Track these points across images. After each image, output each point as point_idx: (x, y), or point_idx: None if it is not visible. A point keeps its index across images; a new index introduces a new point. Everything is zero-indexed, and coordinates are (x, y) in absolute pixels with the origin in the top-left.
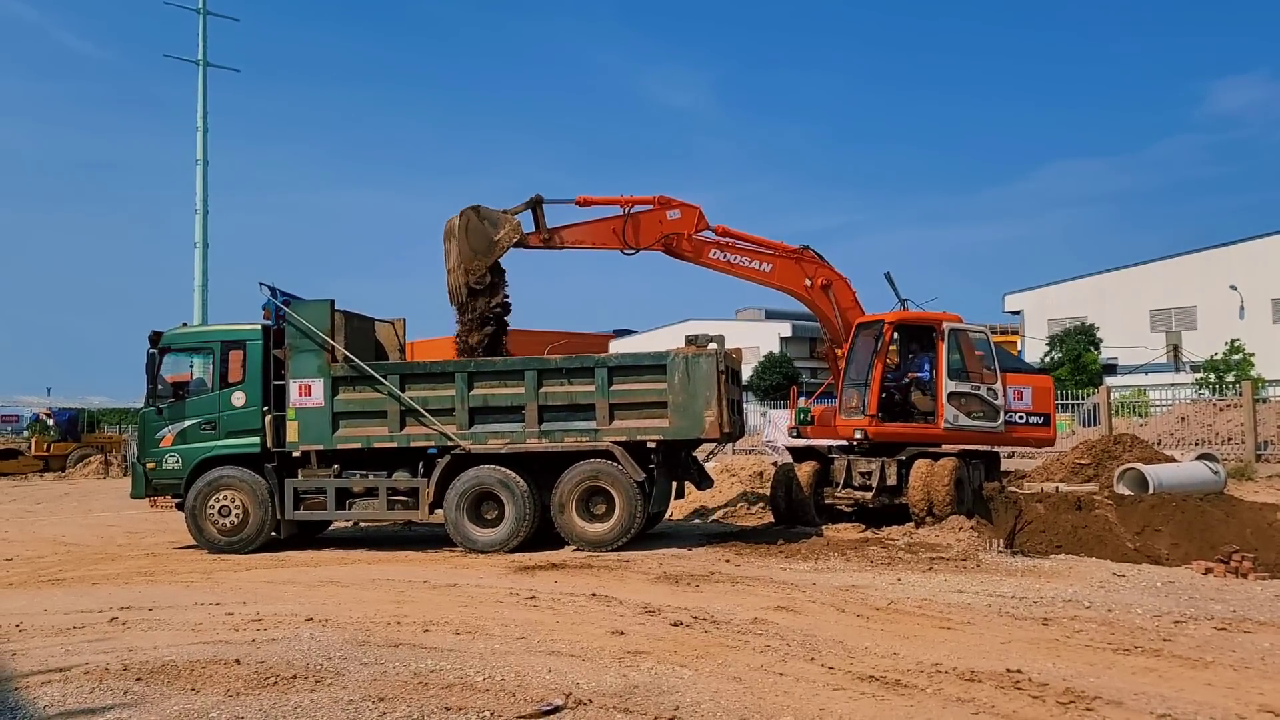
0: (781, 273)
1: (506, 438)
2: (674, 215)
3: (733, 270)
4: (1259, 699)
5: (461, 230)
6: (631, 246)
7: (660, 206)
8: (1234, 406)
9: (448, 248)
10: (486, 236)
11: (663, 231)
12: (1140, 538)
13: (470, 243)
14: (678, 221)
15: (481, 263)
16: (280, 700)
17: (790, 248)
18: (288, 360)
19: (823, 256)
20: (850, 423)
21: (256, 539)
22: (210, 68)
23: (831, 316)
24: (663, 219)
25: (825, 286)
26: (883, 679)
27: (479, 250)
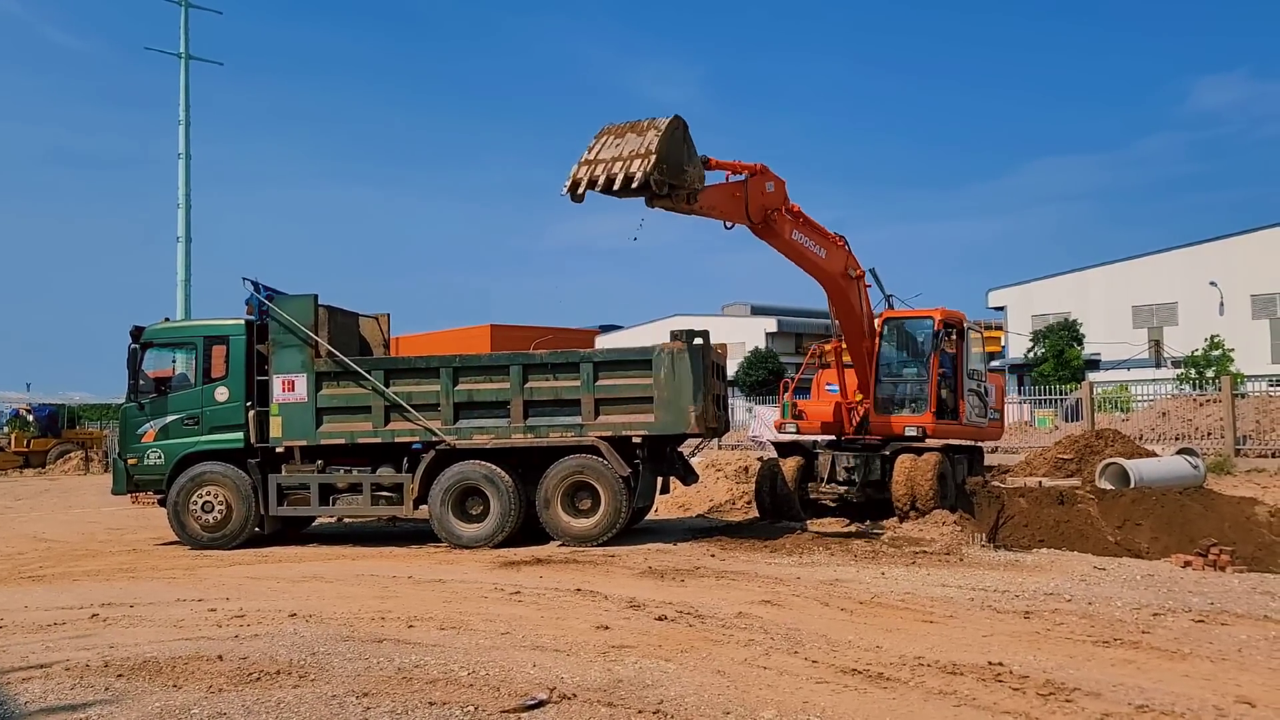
0: (832, 259)
1: (492, 433)
2: (770, 188)
3: (804, 254)
4: (1235, 690)
5: (668, 131)
6: (748, 217)
7: (760, 176)
8: (1214, 401)
9: (625, 134)
10: (680, 159)
11: (763, 204)
12: (1121, 531)
13: (668, 148)
14: (773, 195)
15: (662, 174)
16: (263, 696)
17: (831, 234)
18: (271, 355)
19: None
20: (906, 419)
21: (240, 535)
22: (192, 61)
23: (859, 310)
24: (762, 189)
25: (858, 278)
26: (866, 672)
27: (669, 162)
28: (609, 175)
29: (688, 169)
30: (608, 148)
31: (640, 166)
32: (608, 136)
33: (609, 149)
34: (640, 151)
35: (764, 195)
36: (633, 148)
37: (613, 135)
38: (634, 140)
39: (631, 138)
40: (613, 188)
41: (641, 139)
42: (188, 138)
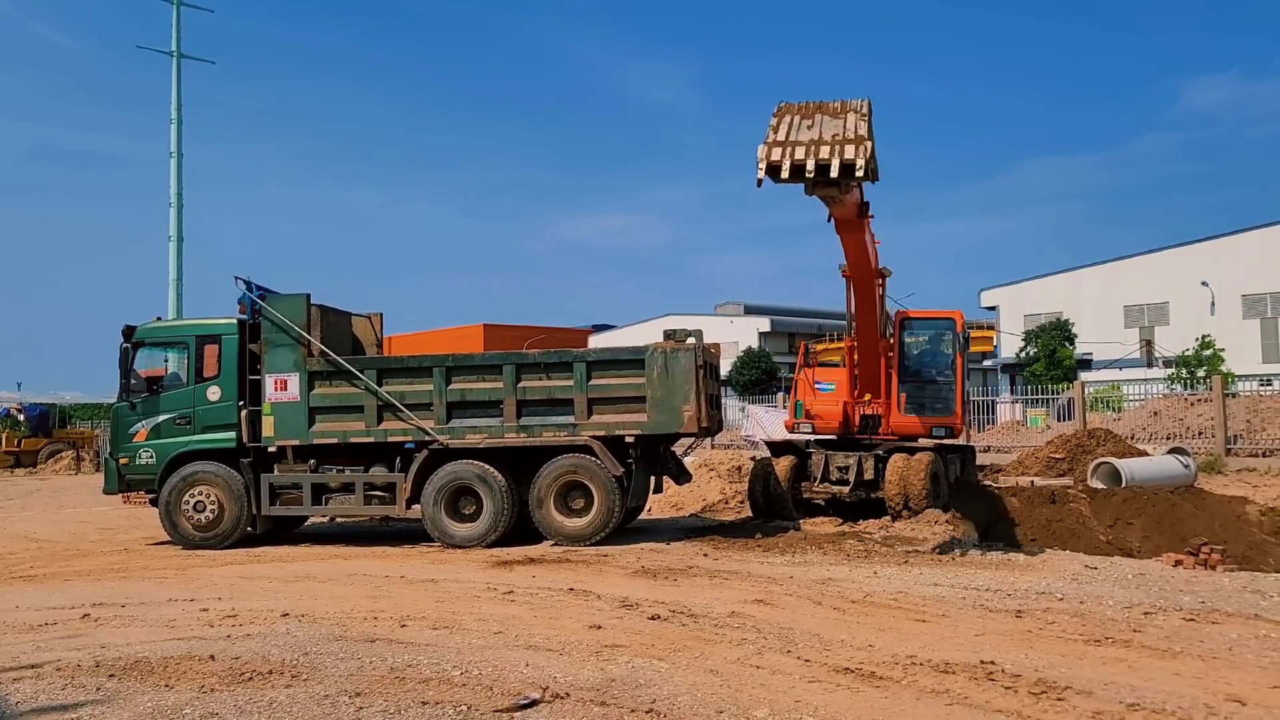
0: (877, 258)
1: (485, 432)
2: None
3: (868, 250)
4: (1225, 688)
5: (870, 115)
6: (857, 209)
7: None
8: (1205, 401)
9: (815, 115)
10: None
11: (862, 198)
12: (1113, 530)
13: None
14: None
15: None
16: (255, 696)
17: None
18: (263, 355)
19: None
20: (934, 420)
21: (232, 534)
22: (185, 59)
23: (880, 309)
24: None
25: (885, 278)
26: (858, 671)
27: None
28: (820, 160)
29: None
30: (799, 129)
31: (860, 154)
32: (792, 116)
33: (802, 130)
34: (850, 136)
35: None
36: (835, 131)
37: (798, 115)
38: (831, 123)
39: (826, 120)
40: (828, 173)
41: (841, 122)
42: (179, 136)
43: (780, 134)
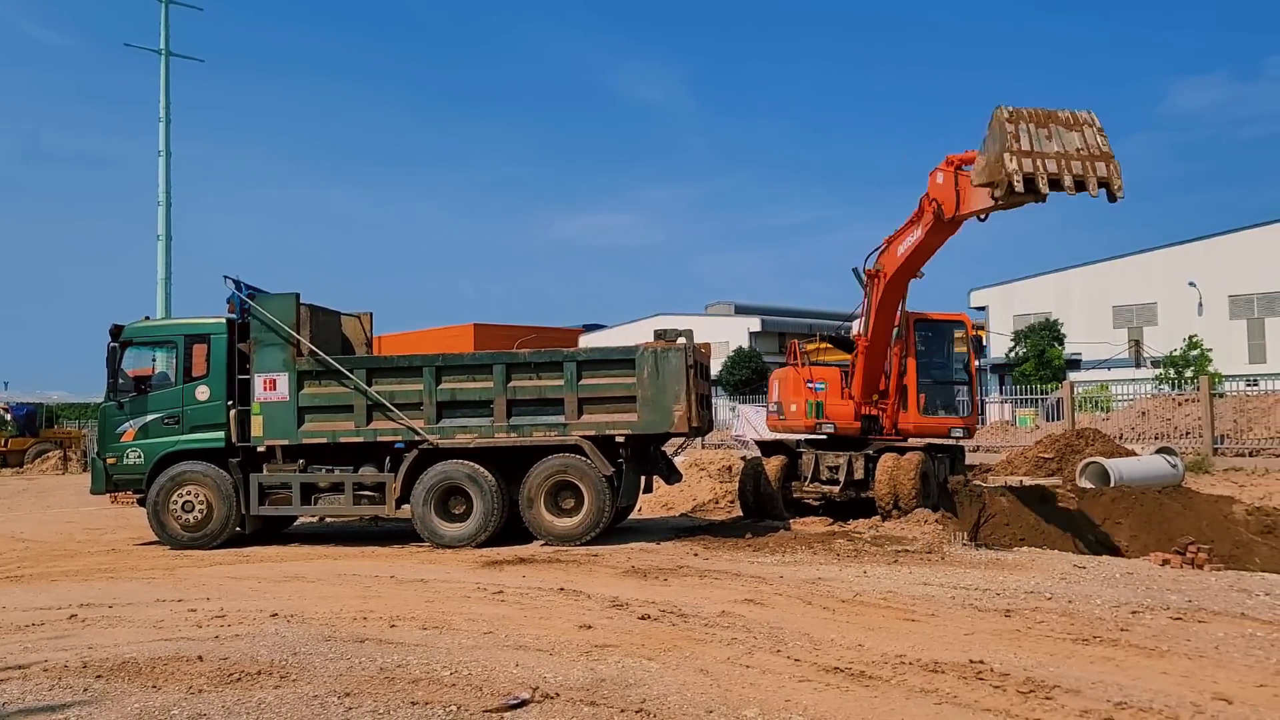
0: None
1: (475, 432)
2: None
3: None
4: (1212, 687)
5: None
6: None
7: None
8: (1192, 401)
9: (1048, 125)
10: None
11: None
12: (1101, 530)
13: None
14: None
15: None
16: (244, 696)
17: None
18: (252, 354)
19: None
20: (951, 421)
21: (221, 535)
22: (173, 58)
23: (899, 309)
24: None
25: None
26: (848, 670)
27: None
28: (1076, 177)
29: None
30: (1040, 140)
31: (1114, 174)
32: (1026, 124)
33: (1044, 142)
34: (1098, 153)
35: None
36: (1079, 145)
37: (1031, 124)
38: (1068, 135)
39: (1062, 131)
40: (1084, 189)
41: (1080, 135)
42: (168, 135)
43: (1024, 143)
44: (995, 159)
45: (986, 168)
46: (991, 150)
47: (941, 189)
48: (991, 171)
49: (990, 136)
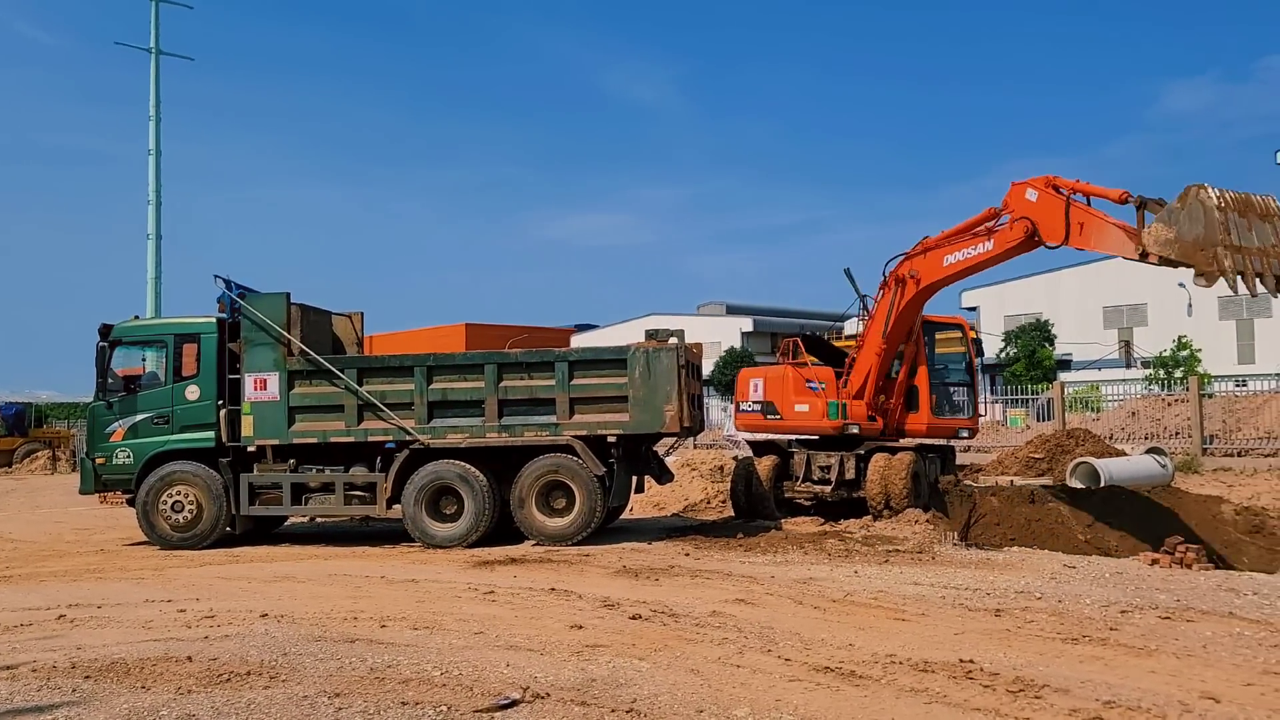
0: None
1: (466, 432)
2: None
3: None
4: (1200, 686)
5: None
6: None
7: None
8: (1181, 401)
9: (1248, 214)
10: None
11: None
12: (1091, 530)
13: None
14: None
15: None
16: (233, 697)
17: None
18: (243, 354)
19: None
20: (960, 422)
21: (210, 535)
22: (163, 56)
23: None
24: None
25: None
26: (838, 670)
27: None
28: (1276, 276)
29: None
30: (1244, 233)
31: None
32: (1231, 213)
33: (1247, 235)
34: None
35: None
36: (1272, 240)
37: (1235, 212)
38: (1264, 228)
39: (1260, 224)
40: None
41: (1274, 229)
42: (158, 134)
43: (1233, 237)
44: (1201, 247)
45: (1182, 247)
46: (1193, 233)
47: (1038, 210)
48: (1193, 257)
49: (1189, 216)
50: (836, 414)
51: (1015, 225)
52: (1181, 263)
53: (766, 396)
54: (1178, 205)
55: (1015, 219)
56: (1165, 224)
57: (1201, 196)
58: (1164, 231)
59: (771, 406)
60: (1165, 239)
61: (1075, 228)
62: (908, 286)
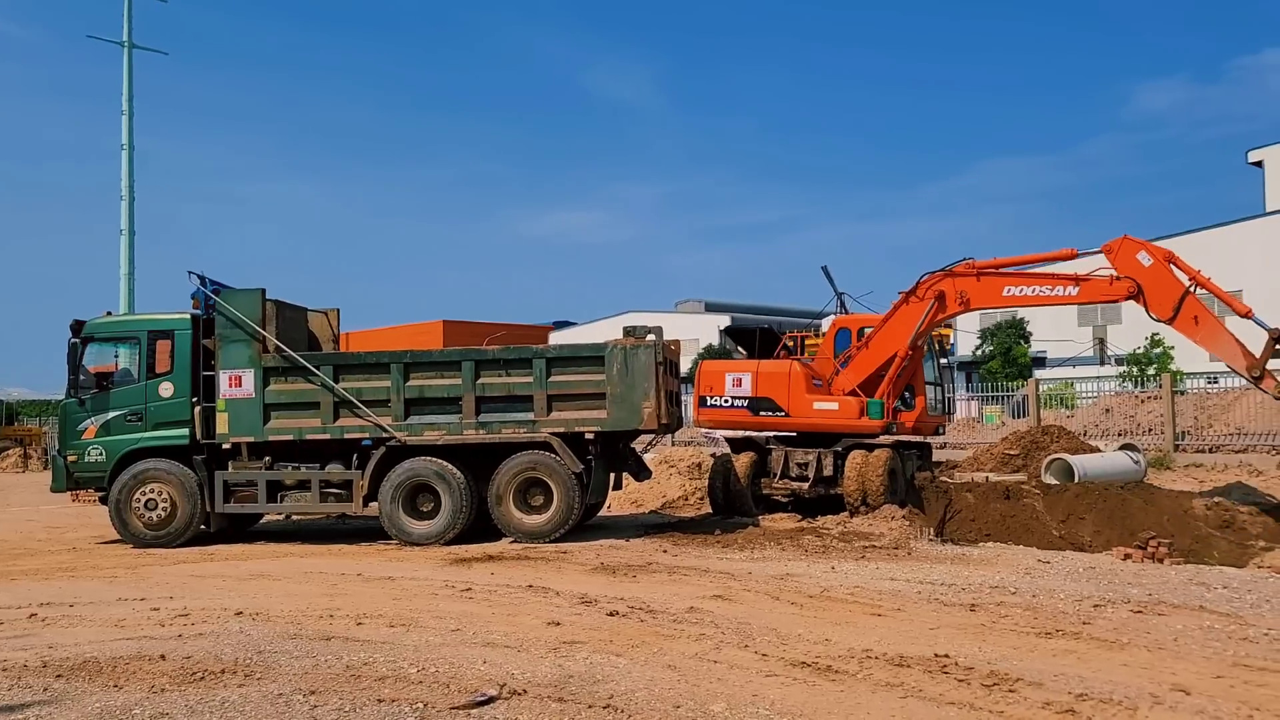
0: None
1: (443, 429)
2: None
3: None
4: (1171, 678)
5: None
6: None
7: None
8: (1154, 398)
9: None
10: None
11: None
12: (1065, 525)
13: None
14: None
15: None
16: (207, 695)
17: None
18: (217, 350)
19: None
20: (940, 419)
21: (184, 533)
22: (136, 50)
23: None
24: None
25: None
26: (815, 665)
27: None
28: None
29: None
30: None
31: None
32: None
33: None
34: None
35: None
36: None
37: None
38: None
39: None
40: None
41: None
42: (131, 129)
43: None
44: None
45: None
46: None
47: (1150, 278)
48: None
49: None
50: (880, 413)
51: (1119, 284)
52: None
53: (760, 392)
54: None
55: (1121, 277)
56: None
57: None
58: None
59: (770, 403)
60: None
61: (1189, 317)
62: (949, 304)
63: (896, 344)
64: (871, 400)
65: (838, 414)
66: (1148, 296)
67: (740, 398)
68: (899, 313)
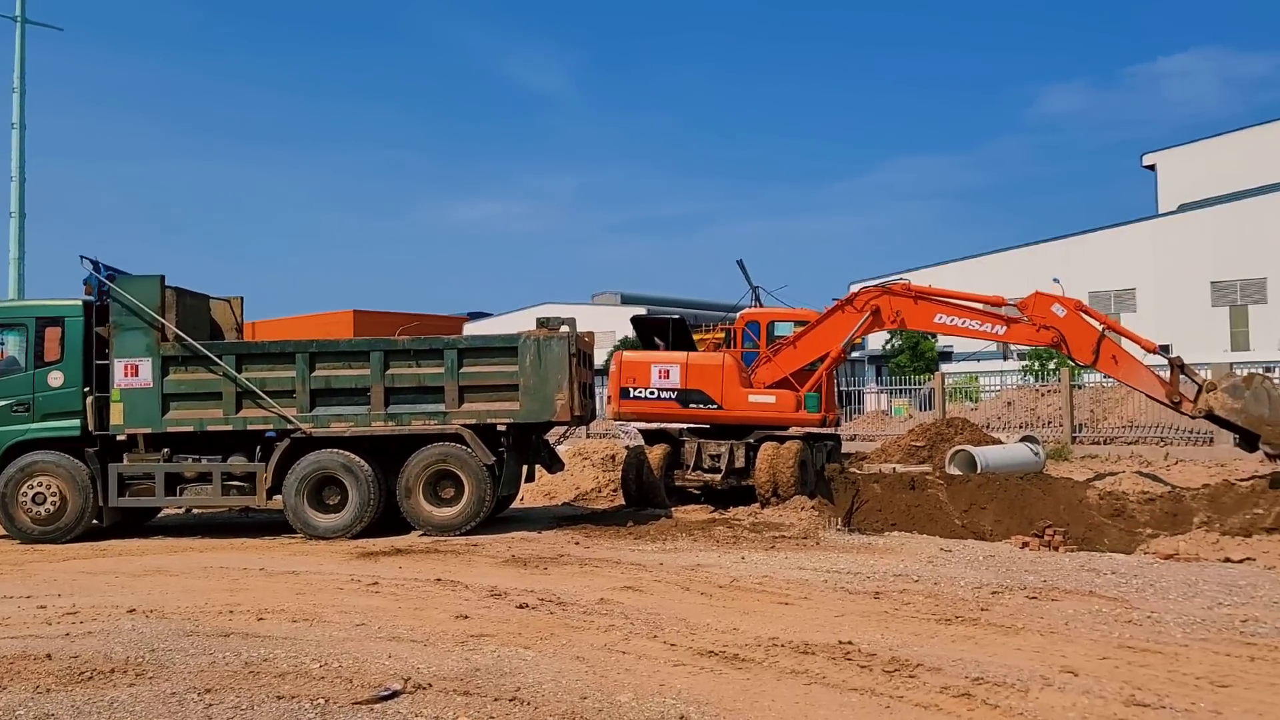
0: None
1: (350, 421)
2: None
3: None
4: (1061, 661)
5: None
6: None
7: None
8: (1054, 392)
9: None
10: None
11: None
12: (967, 515)
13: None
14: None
15: None
16: (94, 695)
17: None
18: (112, 338)
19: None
20: (836, 413)
21: (75, 528)
22: (29, 25)
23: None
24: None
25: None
26: (722, 654)
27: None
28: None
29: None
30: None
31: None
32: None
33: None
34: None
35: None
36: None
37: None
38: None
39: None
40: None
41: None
42: (23, 107)
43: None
44: (1268, 423)
45: (1248, 418)
46: (1259, 410)
47: (1068, 328)
48: (1259, 428)
49: (1254, 397)
50: (817, 406)
51: (1044, 332)
52: (1243, 429)
53: (691, 384)
54: (1243, 385)
55: (1043, 325)
56: (1230, 396)
57: (1267, 385)
58: (1229, 401)
59: (702, 395)
60: (1231, 407)
61: (1108, 358)
62: (884, 319)
63: (827, 346)
64: (809, 394)
65: (774, 407)
66: (1070, 345)
67: (668, 390)
68: (831, 319)
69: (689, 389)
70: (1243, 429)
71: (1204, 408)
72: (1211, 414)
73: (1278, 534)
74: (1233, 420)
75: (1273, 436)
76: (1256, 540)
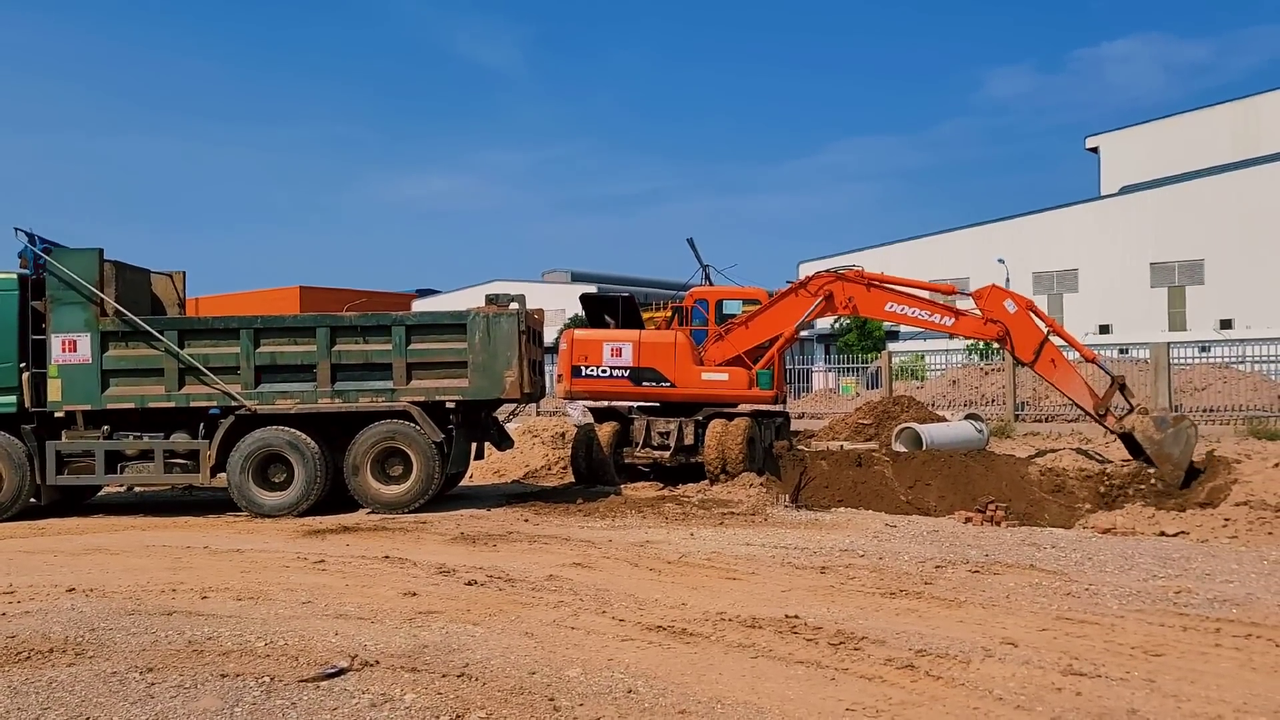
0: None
1: (296, 398)
2: (1010, 306)
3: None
4: (1001, 632)
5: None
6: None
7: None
8: (997, 371)
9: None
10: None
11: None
12: (913, 491)
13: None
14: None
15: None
16: (33, 676)
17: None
18: (49, 313)
19: (837, 271)
20: (783, 391)
21: (12, 506)
22: None
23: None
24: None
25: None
26: (670, 629)
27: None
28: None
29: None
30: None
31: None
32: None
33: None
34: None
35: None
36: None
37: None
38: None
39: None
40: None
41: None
42: None
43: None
44: (1172, 463)
45: (1158, 452)
46: (1174, 449)
47: (1016, 325)
48: (1163, 463)
49: (1175, 437)
50: (770, 384)
51: (991, 326)
52: (1149, 458)
53: (644, 363)
54: (1170, 421)
55: (991, 319)
56: (1156, 427)
57: (1189, 431)
58: (1152, 430)
59: (655, 373)
60: (1150, 435)
61: (1047, 360)
62: (837, 304)
63: (780, 327)
64: (761, 371)
65: (728, 385)
66: (1014, 341)
67: (621, 368)
68: (785, 301)
69: (642, 367)
70: (1149, 458)
71: (1128, 427)
72: (1130, 435)
73: (1210, 509)
74: (1145, 448)
75: (1169, 476)
76: (1190, 515)
